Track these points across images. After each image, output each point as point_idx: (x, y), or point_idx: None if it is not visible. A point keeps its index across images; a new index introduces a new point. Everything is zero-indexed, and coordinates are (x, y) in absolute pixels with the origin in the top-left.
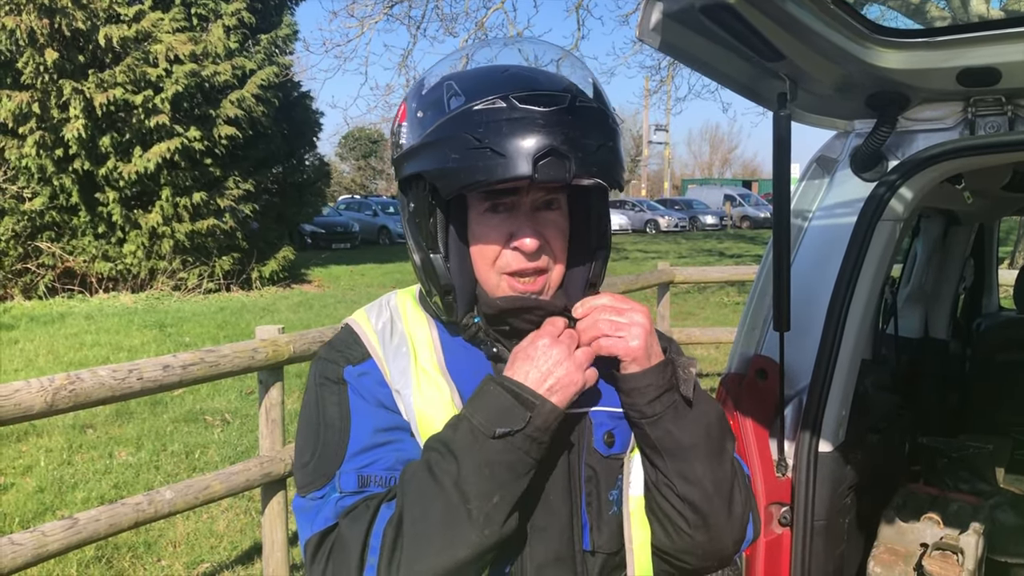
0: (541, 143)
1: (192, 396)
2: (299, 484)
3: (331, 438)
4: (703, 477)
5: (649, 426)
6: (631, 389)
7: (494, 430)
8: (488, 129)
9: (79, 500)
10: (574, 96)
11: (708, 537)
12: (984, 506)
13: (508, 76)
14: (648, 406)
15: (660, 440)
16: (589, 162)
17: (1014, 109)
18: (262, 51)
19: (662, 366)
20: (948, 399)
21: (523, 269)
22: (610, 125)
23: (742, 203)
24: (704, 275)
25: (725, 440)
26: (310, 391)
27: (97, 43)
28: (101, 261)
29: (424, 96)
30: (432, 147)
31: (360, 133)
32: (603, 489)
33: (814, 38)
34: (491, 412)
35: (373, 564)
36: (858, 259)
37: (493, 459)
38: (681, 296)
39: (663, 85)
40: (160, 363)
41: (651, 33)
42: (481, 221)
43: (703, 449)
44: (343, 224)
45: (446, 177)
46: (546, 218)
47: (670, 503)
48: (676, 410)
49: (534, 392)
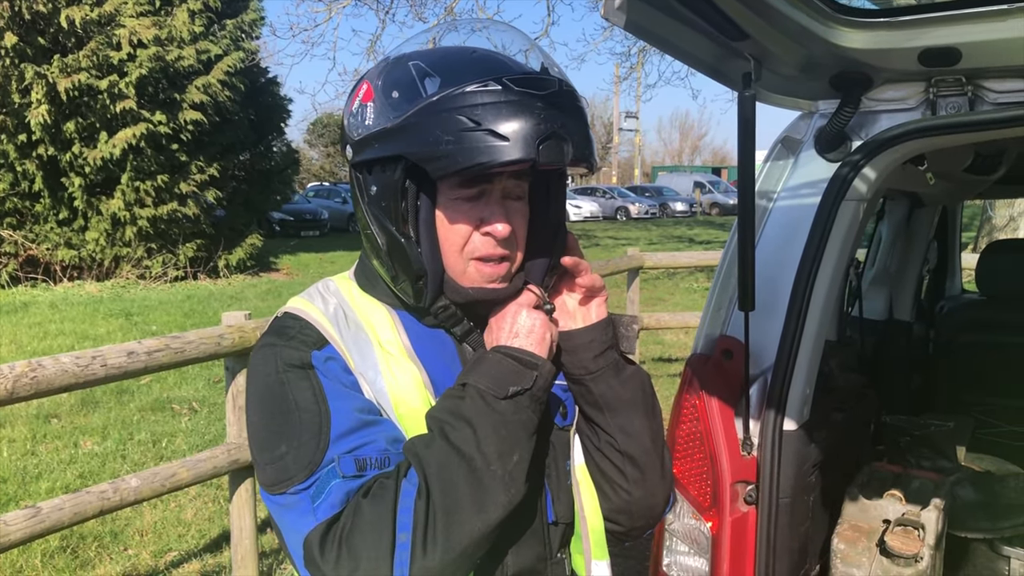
0: (543, 127)
1: (159, 385)
2: (273, 480)
3: (309, 424)
4: (642, 430)
5: (592, 381)
6: (575, 346)
7: (506, 390)
8: (485, 111)
9: (43, 490)
10: (560, 81)
11: (644, 492)
12: (945, 483)
13: (478, 58)
14: (592, 361)
15: (602, 395)
16: (581, 146)
17: (974, 89)
18: (228, 36)
19: (604, 324)
20: (912, 379)
21: (491, 255)
22: (586, 111)
23: (712, 190)
24: (674, 260)
25: (655, 401)
26: (267, 380)
27: (59, 27)
28: (64, 248)
29: (392, 76)
30: (418, 129)
31: (329, 119)
32: (560, 459)
33: (778, 17)
34: (496, 376)
35: (405, 542)
36: (822, 239)
37: (507, 419)
38: (651, 282)
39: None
40: (124, 349)
41: (616, 12)
42: (452, 206)
43: (640, 404)
44: (312, 211)
45: (439, 159)
46: (512, 207)
47: (610, 460)
48: (616, 366)
49: (533, 354)
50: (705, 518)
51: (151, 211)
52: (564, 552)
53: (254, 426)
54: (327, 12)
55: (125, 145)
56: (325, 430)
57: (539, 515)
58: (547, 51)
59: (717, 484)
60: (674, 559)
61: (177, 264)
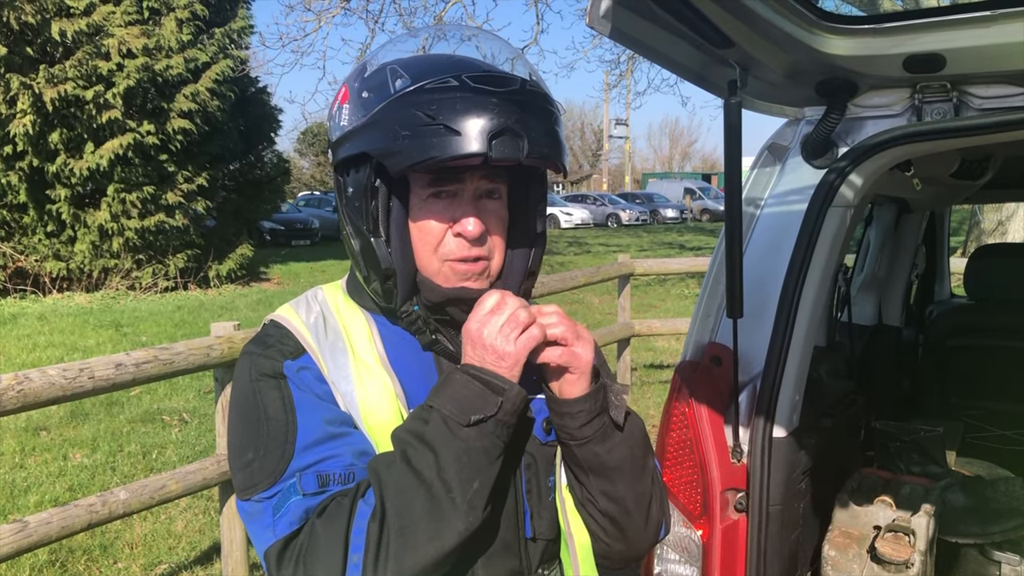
0: (496, 121)
1: (149, 396)
2: (242, 486)
3: (276, 432)
4: (625, 495)
5: (577, 448)
6: (565, 413)
7: (468, 418)
8: (441, 106)
9: (32, 504)
10: (524, 80)
11: (625, 547)
12: (935, 488)
13: (454, 61)
14: (579, 430)
15: (586, 460)
16: (540, 143)
17: (959, 95)
18: (216, 44)
19: (595, 392)
20: (901, 384)
21: (465, 257)
22: (555, 111)
23: (702, 196)
24: (664, 267)
25: (647, 457)
26: (242, 388)
27: (47, 37)
28: (52, 260)
29: (367, 78)
30: (379, 125)
31: (319, 128)
32: (542, 475)
33: (763, 25)
34: (462, 401)
35: (357, 563)
36: (809, 245)
37: (470, 446)
38: (642, 288)
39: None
40: (112, 361)
41: (601, 20)
42: (424, 206)
43: (627, 469)
44: (303, 220)
45: (396, 154)
46: (487, 207)
47: (591, 516)
48: (605, 433)
49: (501, 377)
50: (695, 526)
51: (137, 222)
52: (549, 568)
53: (229, 432)
54: (316, 21)
55: (112, 156)
56: (291, 440)
57: (515, 530)
58: (536, 59)
59: (707, 492)
60: (665, 567)
61: (167, 274)
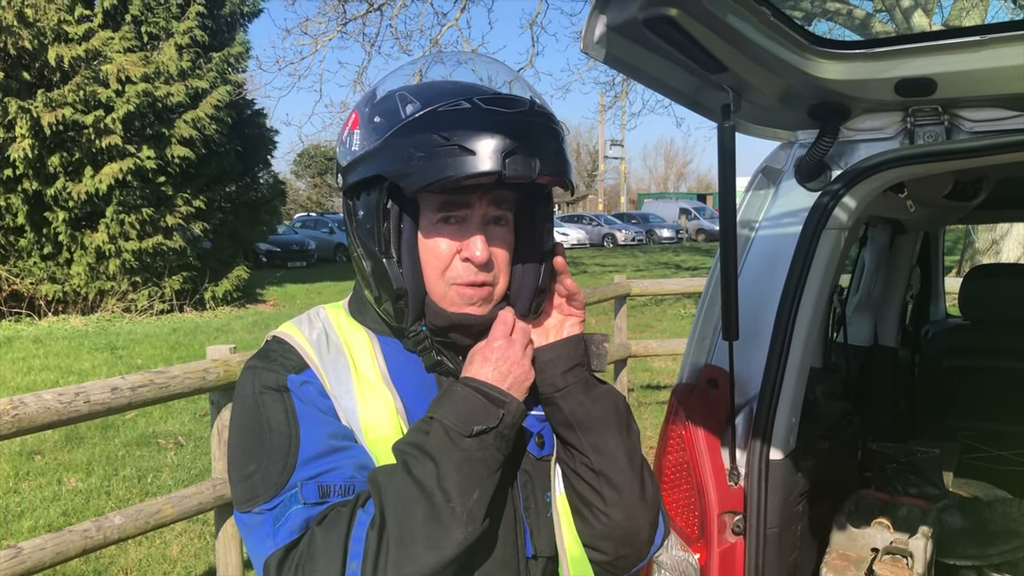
0: (509, 141)
1: (144, 419)
2: (242, 498)
3: (278, 445)
4: (616, 449)
5: (561, 399)
6: (544, 362)
7: (471, 428)
8: (454, 127)
9: (25, 529)
10: (532, 101)
11: (624, 515)
12: (932, 510)
13: (461, 86)
14: (560, 377)
15: (572, 412)
16: (551, 162)
17: (950, 119)
18: (214, 69)
19: (574, 340)
20: (897, 405)
21: (472, 282)
22: (561, 130)
23: (697, 216)
24: (660, 287)
25: (631, 420)
26: (245, 401)
27: (45, 62)
28: (47, 283)
29: (377, 104)
30: (393, 148)
31: (315, 150)
32: (538, 491)
33: (755, 50)
34: (463, 412)
35: (356, 570)
36: (804, 267)
37: (471, 456)
38: (638, 309)
39: (617, 101)
40: (108, 385)
41: (595, 46)
42: (433, 230)
43: (613, 422)
44: (299, 242)
45: (411, 175)
46: (494, 232)
47: (586, 482)
48: (587, 383)
49: (502, 390)
50: (693, 549)
51: (135, 244)
52: None
53: (231, 445)
54: (313, 45)
55: (112, 180)
56: (293, 452)
57: (515, 549)
58: (531, 81)
59: (704, 515)
60: None
61: (163, 297)
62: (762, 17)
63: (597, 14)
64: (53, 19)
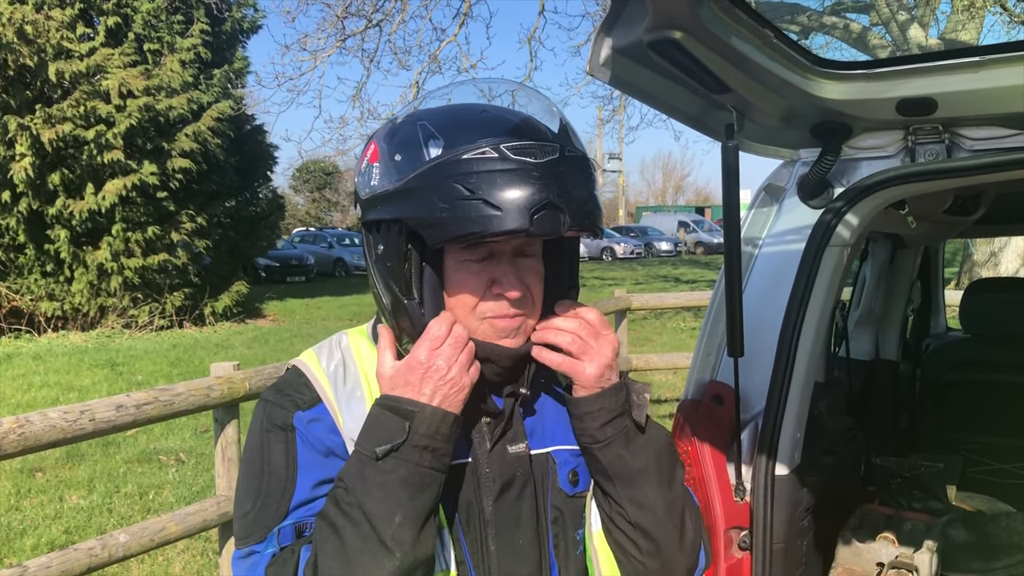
0: (537, 197)
1: (146, 436)
2: (239, 535)
3: (275, 489)
4: (654, 502)
5: (600, 451)
6: (583, 413)
7: (374, 451)
8: (480, 179)
9: (28, 547)
10: (563, 146)
11: (660, 563)
12: (937, 524)
13: (487, 119)
14: (599, 430)
15: (611, 465)
16: (580, 213)
17: (951, 137)
18: (216, 84)
19: (615, 390)
20: (900, 419)
21: (505, 315)
22: (592, 173)
23: (696, 229)
24: (660, 301)
25: (675, 467)
26: (254, 435)
27: (45, 78)
28: (47, 300)
29: (398, 137)
30: (414, 193)
31: (314, 166)
32: (570, 529)
33: (758, 71)
34: (373, 434)
35: None
36: (808, 284)
37: (384, 480)
38: (638, 322)
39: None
40: (113, 403)
41: (601, 68)
42: (460, 268)
43: (654, 474)
44: (298, 257)
45: (434, 227)
46: (525, 264)
47: (622, 531)
48: (627, 435)
49: (411, 401)
50: None
51: (139, 261)
52: None
53: (239, 477)
54: (312, 61)
55: (116, 198)
56: (287, 497)
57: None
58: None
59: (711, 531)
60: None
61: (163, 313)
62: (765, 39)
63: (603, 37)
64: (55, 37)
